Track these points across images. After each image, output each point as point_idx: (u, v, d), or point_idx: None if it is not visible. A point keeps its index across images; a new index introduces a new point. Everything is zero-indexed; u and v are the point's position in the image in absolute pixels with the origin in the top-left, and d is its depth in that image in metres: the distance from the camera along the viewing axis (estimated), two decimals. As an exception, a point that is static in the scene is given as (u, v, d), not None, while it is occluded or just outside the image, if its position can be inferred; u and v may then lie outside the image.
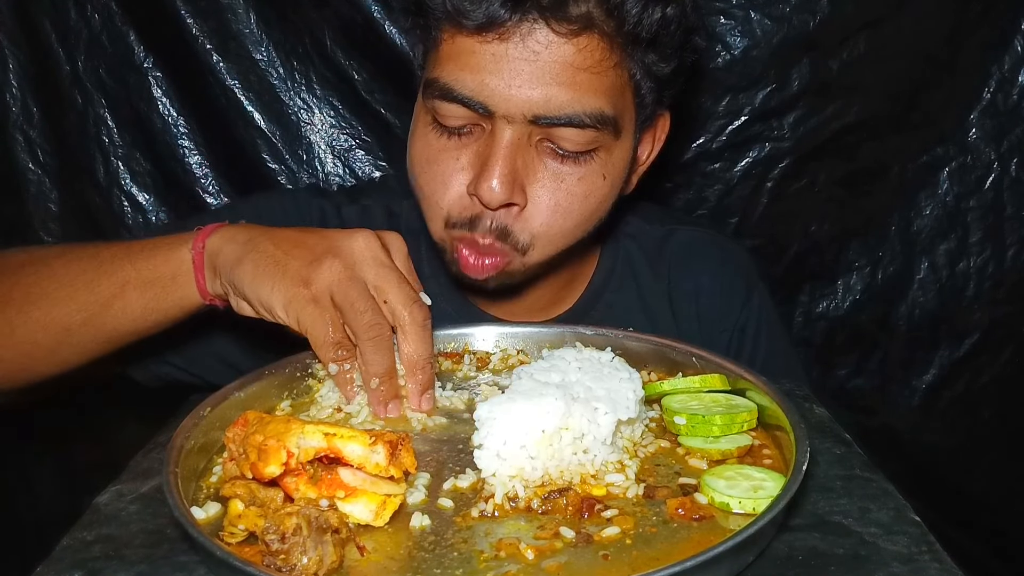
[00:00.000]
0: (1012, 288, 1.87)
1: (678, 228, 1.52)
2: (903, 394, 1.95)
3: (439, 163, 1.20)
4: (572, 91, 1.13)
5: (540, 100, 1.13)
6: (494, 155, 1.15)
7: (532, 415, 0.88)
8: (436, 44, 1.19)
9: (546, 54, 1.12)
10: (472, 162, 1.19)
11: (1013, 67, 1.77)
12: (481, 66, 1.13)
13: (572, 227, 1.23)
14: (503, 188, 1.15)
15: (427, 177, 1.22)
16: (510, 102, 1.13)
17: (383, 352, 1.01)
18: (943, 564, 0.77)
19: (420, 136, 1.24)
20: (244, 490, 0.79)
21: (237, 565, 0.69)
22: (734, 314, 1.47)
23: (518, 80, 1.12)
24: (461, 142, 1.20)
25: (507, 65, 1.12)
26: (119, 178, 1.85)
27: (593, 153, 1.19)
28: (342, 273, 1.01)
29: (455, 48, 1.16)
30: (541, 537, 0.79)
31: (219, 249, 1.07)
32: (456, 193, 1.20)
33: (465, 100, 1.15)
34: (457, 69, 1.15)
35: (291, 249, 1.04)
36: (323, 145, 1.87)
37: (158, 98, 1.83)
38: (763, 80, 1.80)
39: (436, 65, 1.19)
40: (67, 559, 0.79)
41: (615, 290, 1.46)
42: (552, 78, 1.13)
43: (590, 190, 1.21)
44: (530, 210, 1.20)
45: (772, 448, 0.96)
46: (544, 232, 1.21)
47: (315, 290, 1.01)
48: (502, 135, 1.15)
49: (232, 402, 1.01)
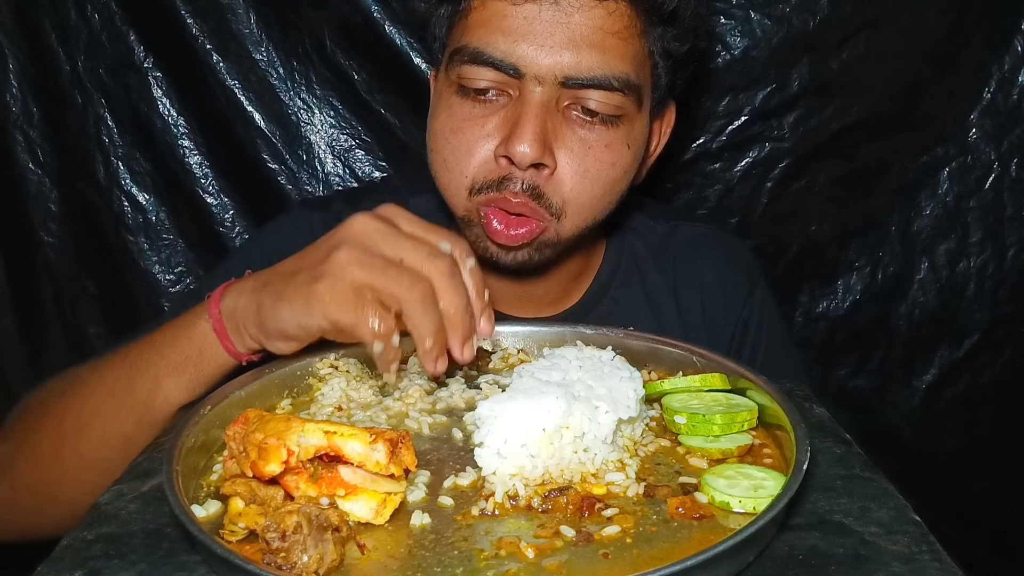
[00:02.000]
0: (1012, 288, 1.87)
1: (682, 224, 1.54)
2: (903, 394, 1.95)
3: (464, 131, 1.21)
4: (601, 54, 1.16)
5: (571, 62, 1.16)
6: (525, 115, 1.17)
7: (533, 414, 0.88)
8: (465, 13, 1.21)
9: (578, 16, 1.15)
10: (499, 127, 1.20)
11: (1013, 67, 1.78)
12: (513, 28, 1.16)
13: (600, 194, 1.25)
14: (535, 147, 1.16)
15: (452, 147, 1.22)
16: (541, 63, 1.15)
17: (430, 309, 0.97)
18: (943, 564, 0.77)
19: (443, 108, 1.24)
20: (244, 488, 0.79)
21: (238, 563, 0.69)
22: (737, 309, 1.49)
23: (550, 41, 1.15)
24: (487, 108, 1.21)
25: (540, 27, 1.15)
26: (119, 178, 1.85)
27: (618, 121, 1.22)
28: (354, 256, 0.98)
29: (486, 13, 1.18)
30: (541, 536, 0.79)
31: (233, 307, 1.07)
32: (482, 158, 1.21)
33: (496, 62, 1.17)
34: (488, 33, 1.17)
35: (298, 267, 1.03)
36: (323, 145, 1.87)
37: (158, 98, 1.83)
38: (763, 80, 1.80)
39: (465, 32, 1.21)
40: (67, 559, 0.79)
41: (621, 285, 1.47)
42: (583, 40, 1.15)
43: (616, 158, 1.23)
44: (559, 174, 1.21)
45: (772, 447, 0.96)
46: (575, 198, 1.23)
47: (336, 284, 0.97)
48: (532, 96, 1.17)
49: (232, 400, 1.01)
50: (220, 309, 1.08)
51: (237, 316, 1.06)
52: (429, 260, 0.98)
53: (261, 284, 1.05)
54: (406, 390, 1.10)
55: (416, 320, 0.97)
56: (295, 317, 1.00)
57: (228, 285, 1.10)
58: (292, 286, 1.00)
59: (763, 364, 1.43)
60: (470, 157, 1.21)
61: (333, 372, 1.12)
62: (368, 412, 1.05)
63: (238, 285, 1.09)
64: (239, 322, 1.07)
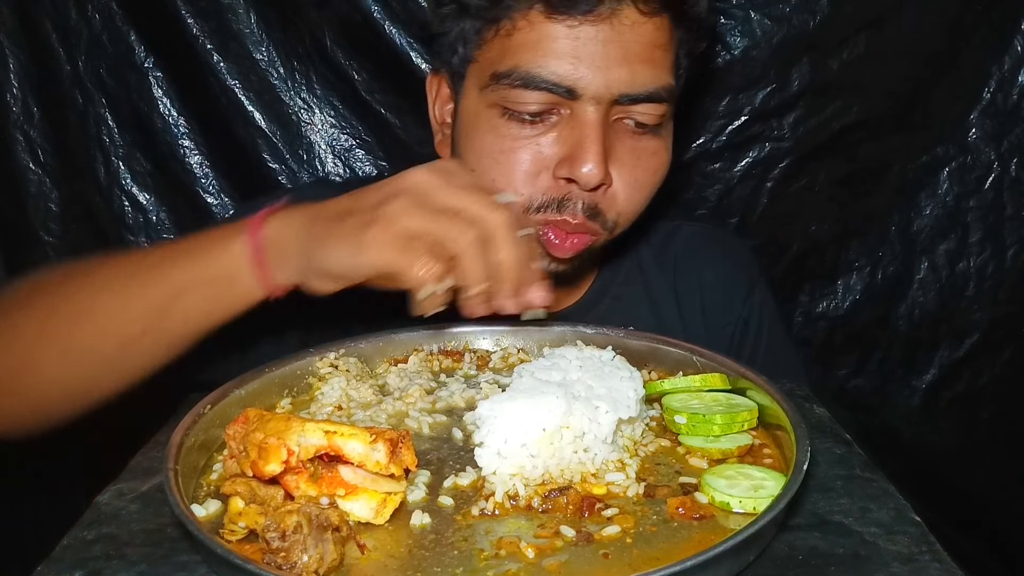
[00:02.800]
0: (1012, 288, 1.87)
1: (684, 223, 1.55)
2: (903, 394, 1.95)
3: (515, 151, 1.20)
4: (652, 68, 1.17)
5: (626, 79, 1.16)
6: (588, 136, 1.16)
7: (533, 413, 0.88)
8: (507, 33, 1.18)
9: (630, 34, 1.15)
10: (555, 147, 1.19)
11: (1013, 67, 1.77)
12: (568, 50, 1.14)
13: (643, 201, 1.27)
14: (600, 168, 1.16)
15: (502, 167, 1.20)
16: (599, 83, 1.15)
17: (483, 255, 0.93)
18: (943, 564, 0.77)
19: (488, 129, 1.21)
20: (244, 488, 0.79)
21: (238, 563, 0.69)
22: (737, 308, 1.49)
23: (605, 61, 1.15)
24: (538, 129, 1.19)
25: (596, 47, 1.14)
26: (119, 178, 1.85)
27: (660, 129, 1.24)
28: (409, 204, 0.94)
29: (535, 34, 1.16)
30: (541, 536, 0.79)
31: (279, 236, 1.01)
32: (540, 180, 1.20)
33: (552, 86, 1.15)
34: (540, 56, 1.15)
35: (350, 208, 0.98)
36: (323, 145, 1.87)
37: (158, 98, 1.82)
38: (763, 80, 1.80)
39: (508, 54, 1.18)
40: (67, 559, 0.79)
41: (622, 283, 1.48)
42: (635, 56, 1.16)
43: (660, 164, 1.26)
44: (613, 189, 1.22)
45: (772, 448, 0.96)
46: (626, 209, 1.25)
47: (388, 230, 0.93)
48: (590, 116, 1.17)
49: (232, 400, 1.01)
50: (263, 234, 1.02)
51: (282, 246, 1.01)
52: (487, 209, 0.95)
53: (310, 218, 1.00)
54: (406, 390, 1.10)
55: (466, 265, 0.93)
56: (343, 258, 0.96)
57: (271, 211, 1.04)
58: (344, 227, 0.96)
59: (763, 364, 1.43)
60: (526, 178, 1.20)
61: (333, 371, 1.12)
62: (368, 412, 1.05)
63: (284, 214, 1.03)
64: (283, 252, 1.01)
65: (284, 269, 1.02)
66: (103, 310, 1.07)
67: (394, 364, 1.19)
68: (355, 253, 0.95)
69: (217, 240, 1.05)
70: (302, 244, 0.99)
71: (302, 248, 0.99)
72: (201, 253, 1.05)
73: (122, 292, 1.07)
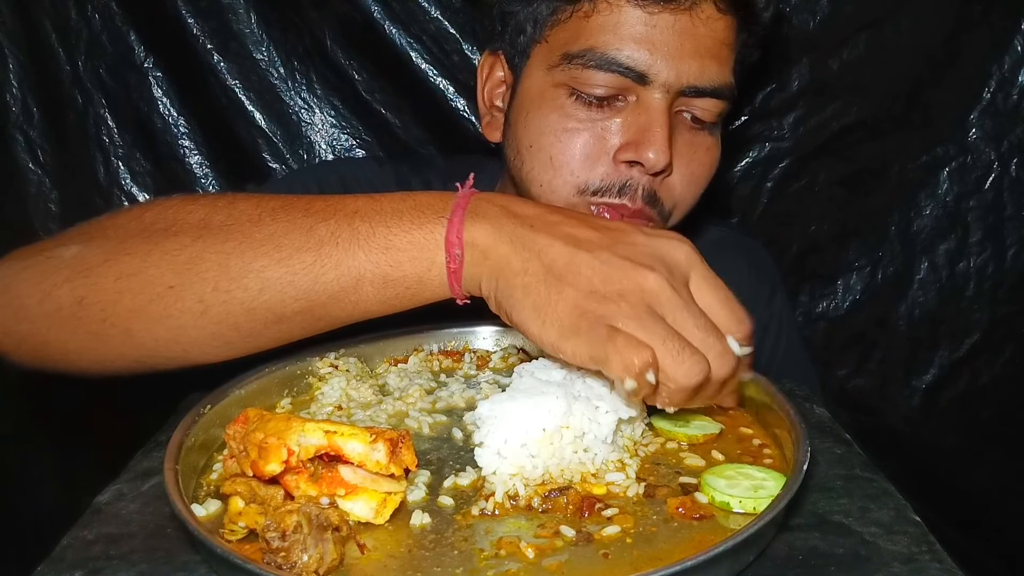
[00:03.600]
0: (1012, 288, 1.87)
1: (707, 227, 1.56)
2: (903, 394, 1.95)
3: (580, 132, 1.21)
4: (719, 64, 1.20)
5: (696, 71, 1.18)
6: (656, 122, 1.18)
7: (533, 413, 0.88)
8: (585, 15, 1.19)
9: (705, 28, 1.17)
10: (620, 131, 1.20)
11: (1013, 67, 1.78)
12: (646, 36, 1.16)
13: (697, 196, 1.28)
14: (665, 153, 1.17)
15: (563, 145, 1.21)
16: (671, 72, 1.16)
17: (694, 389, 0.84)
18: (943, 564, 0.77)
19: (554, 108, 1.22)
20: (244, 487, 0.79)
21: (237, 563, 0.69)
22: (757, 314, 1.49)
23: (679, 52, 1.16)
24: (606, 113, 1.20)
25: (673, 36, 1.16)
26: (119, 178, 1.85)
27: (715, 126, 1.26)
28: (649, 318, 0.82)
29: (614, 18, 1.17)
30: (541, 536, 0.79)
31: (486, 250, 0.88)
32: (602, 162, 1.21)
33: (626, 69, 1.17)
34: (618, 39, 1.17)
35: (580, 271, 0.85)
36: (323, 145, 1.87)
37: (158, 98, 1.82)
38: (763, 80, 1.80)
39: (584, 35, 1.19)
40: (67, 559, 0.79)
41: None
42: (707, 50, 1.18)
43: (713, 160, 1.28)
44: (672, 178, 1.23)
45: (772, 448, 0.96)
46: (682, 200, 1.26)
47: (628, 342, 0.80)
48: (656, 102, 1.18)
49: (232, 399, 1.01)
50: (463, 243, 0.88)
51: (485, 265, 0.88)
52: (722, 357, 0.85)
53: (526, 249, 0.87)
54: (406, 390, 1.10)
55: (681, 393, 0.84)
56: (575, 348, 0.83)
57: (472, 201, 0.91)
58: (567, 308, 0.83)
59: (779, 371, 1.44)
60: (586, 160, 1.21)
61: (333, 371, 1.12)
62: (368, 412, 1.05)
63: (493, 220, 0.89)
64: (483, 274, 0.89)
65: (474, 284, 0.91)
66: (259, 278, 0.91)
67: (394, 364, 1.19)
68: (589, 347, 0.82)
69: (410, 233, 0.91)
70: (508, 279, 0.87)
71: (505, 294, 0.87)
72: (390, 246, 0.91)
73: (287, 262, 0.91)
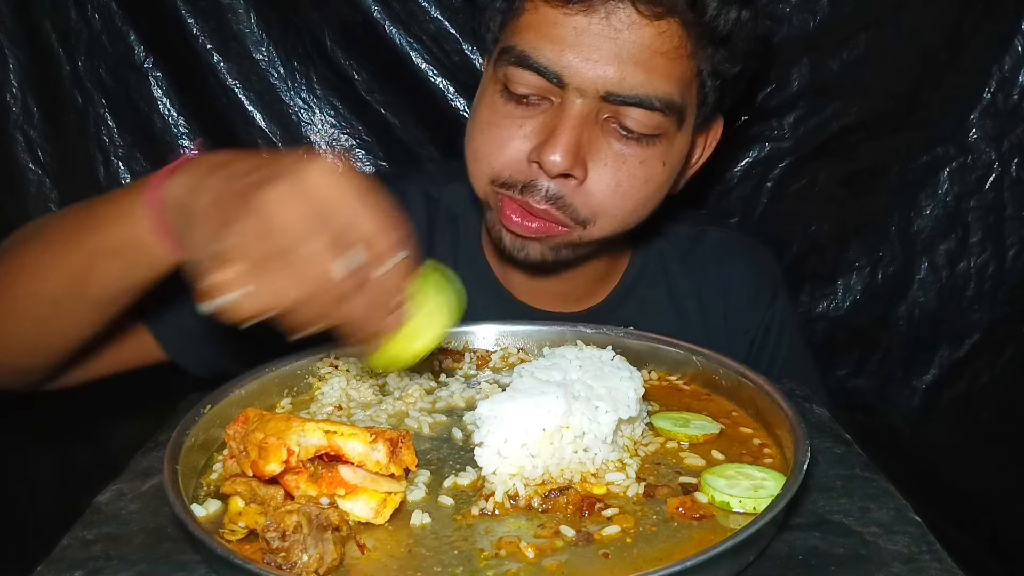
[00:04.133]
0: (1012, 288, 1.87)
1: (708, 229, 1.55)
2: (903, 394, 1.95)
3: (500, 127, 1.22)
4: (646, 73, 1.16)
5: (615, 78, 1.15)
6: (562, 125, 1.17)
7: (533, 413, 0.88)
8: (518, 13, 1.21)
9: (627, 33, 1.15)
10: (536, 131, 1.20)
11: (1013, 67, 1.77)
12: (562, 37, 1.16)
13: (631, 209, 1.25)
14: (566, 158, 1.16)
15: (484, 138, 1.24)
16: (585, 75, 1.15)
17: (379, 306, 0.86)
18: (943, 564, 0.77)
19: (486, 103, 1.25)
20: (244, 488, 0.79)
21: (237, 563, 0.69)
22: (759, 314, 1.50)
23: (596, 55, 1.15)
24: (527, 111, 1.21)
25: (588, 39, 1.15)
26: (119, 178, 1.85)
27: (656, 139, 1.22)
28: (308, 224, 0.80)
29: (538, 18, 1.18)
30: (541, 536, 0.79)
31: (182, 197, 0.89)
32: (512, 156, 1.21)
33: (541, 69, 1.17)
34: (537, 38, 1.17)
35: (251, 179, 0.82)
36: (323, 145, 1.87)
37: (158, 98, 1.82)
38: (763, 80, 1.80)
39: (515, 33, 1.21)
40: (67, 559, 0.79)
41: (647, 286, 1.49)
42: (629, 57, 1.15)
43: (650, 175, 1.24)
44: (590, 185, 1.21)
45: (772, 447, 0.96)
46: (605, 210, 1.23)
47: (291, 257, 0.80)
48: (572, 107, 1.17)
49: (232, 399, 1.02)
50: (161, 197, 0.90)
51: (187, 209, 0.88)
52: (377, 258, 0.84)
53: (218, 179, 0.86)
54: (406, 389, 1.10)
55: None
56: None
57: (176, 165, 0.93)
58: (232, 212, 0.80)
59: (781, 371, 1.44)
60: (501, 152, 1.22)
61: (333, 371, 1.12)
62: (368, 412, 1.05)
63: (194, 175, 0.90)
64: (189, 217, 0.88)
65: (194, 237, 0.88)
66: (33, 272, 1.08)
67: (394, 364, 1.19)
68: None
69: (121, 203, 0.98)
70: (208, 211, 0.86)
71: (207, 216, 0.85)
72: (107, 219, 1.00)
73: (52, 252, 1.06)
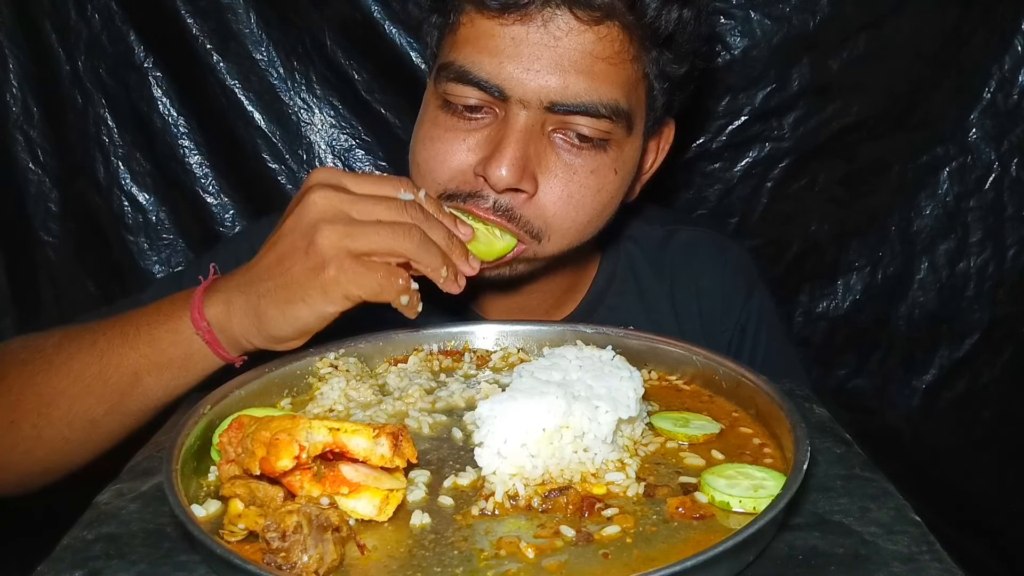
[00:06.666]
0: (1012, 288, 1.87)
1: (679, 228, 1.53)
2: (903, 394, 1.95)
3: (443, 141, 1.21)
4: (590, 80, 1.14)
5: (558, 87, 1.13)
6: (507, 138, 1.15)
7: (533, 413, 0.88)
8: (454, 28, 1.19)
9: (566, 40, 1.13)
10: (481, 144, 1.19)
11: (1013, 67, 1.78)
12: (500, 49, 1.14)
13: (585, 221, 1.23)
14: (512, 172, 1.15)
15: (428, 154, 1.22)
16: (527, 86, 1.13)
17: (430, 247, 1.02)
18: (943, 564, 0.77)
19: (429, 119, 1.24)
20: (244, 490, 0.79)
21: (237, 563, 0.69)
22: (735, 313, 1.48)
23: (536, 65, 1.13)
24: (471, 125, 1.20)
25: (527, 49, 1.13)
26: (119, 178, 1.85)
27: (606, 146, 1.20)
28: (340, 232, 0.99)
29: (474, 31, 1.16)
30: (541, 536, 0.79)
31: (225, 319, 1.05)
32: (457, 169, 1.20)
33: (481, 83, 1.15)
34: (475, 52, 1.16)
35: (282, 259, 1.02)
36: (323, 145, 1.88)
37: (158, 98, 1.83)
38: (763, 80, 1.80)
39: (453, 48, 1.19)
40: (67, 559, 0.79)
41: (617, 293, 1.47)
42: (571, 65, 1.13)
43: (602, 184, 1.22)
44: (541, 199, 1.19)
45: (772, 447, 0.96)
46: (558, 223, 1.21)
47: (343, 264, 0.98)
48: (516, 120, 1.16)
49: (232, 399, 1.01)
50: (207, 320, 1.05)
51: (233, 328, 1.05)
52: (402, 212, 1.02)
53: (254, 292, 1.03)
54: (406, 390, 1.10)
55: (426, 261, 1.02)
56: (315, 311, 1.00)
57: (207, 289, 1.07)
58: (296, 283, 0.99)
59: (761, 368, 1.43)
60: (445, 167, 1.20)
61: (333, 371, 1.12)
62: (368, 412, 1.05)
63: (222, 292, 1.06)
64: (236, 334, 1.05)
65: (239, 345, 1.06)
66: (65, 396, 1.10)
67: (394, 364, 1.19)
68: (325, 301, 1.00)
69: (167, 323, 1.08)
70: (255, 322, 1.03)
71: (256, 326, 1.03)
72: (152, 336, 1.08)
73: (80, 377, 1.10)
